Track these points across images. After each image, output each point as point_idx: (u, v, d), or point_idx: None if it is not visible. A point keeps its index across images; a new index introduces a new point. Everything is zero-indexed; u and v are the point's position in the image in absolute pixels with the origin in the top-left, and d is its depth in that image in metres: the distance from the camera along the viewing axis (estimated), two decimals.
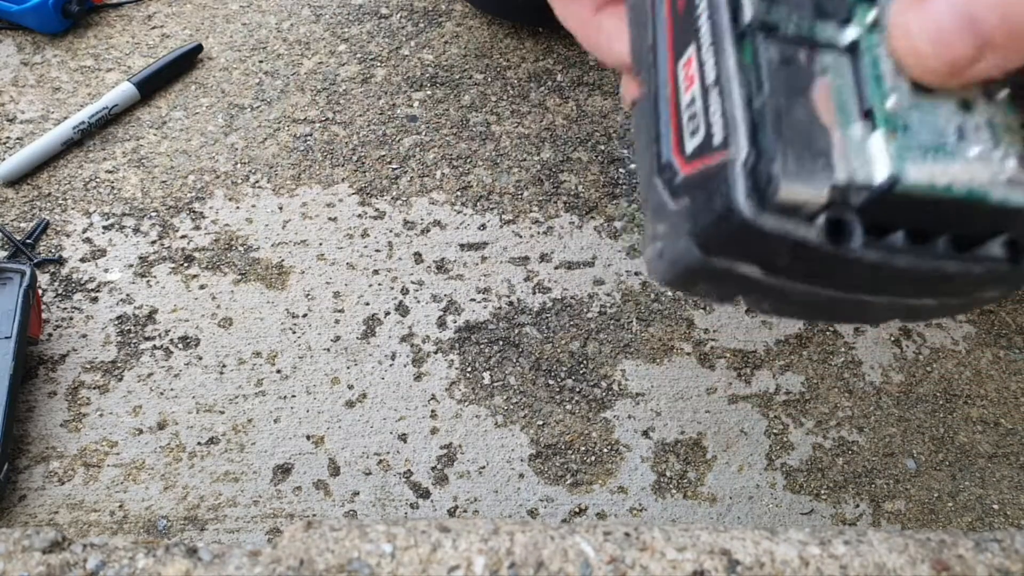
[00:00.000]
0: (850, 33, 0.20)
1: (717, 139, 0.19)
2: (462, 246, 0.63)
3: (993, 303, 0.21)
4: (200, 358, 0.58)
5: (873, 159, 0.18)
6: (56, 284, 0.60)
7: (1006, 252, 0.20)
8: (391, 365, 0.58)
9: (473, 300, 0.61)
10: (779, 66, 0.19)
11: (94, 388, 0.56)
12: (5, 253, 0.61)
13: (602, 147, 0.69)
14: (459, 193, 0.66)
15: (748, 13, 0.20)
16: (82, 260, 0.61)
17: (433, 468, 0.55)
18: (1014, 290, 0.22)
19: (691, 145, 0.20)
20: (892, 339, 0.61)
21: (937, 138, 0.19)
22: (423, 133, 0.69)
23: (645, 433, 0.56)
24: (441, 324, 0.60)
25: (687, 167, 0.20)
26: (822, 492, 0.55)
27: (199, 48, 0.72)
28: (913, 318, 0.22)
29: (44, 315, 0.58)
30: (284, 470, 0.54)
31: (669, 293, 0.62)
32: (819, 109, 0.19)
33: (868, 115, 0.19)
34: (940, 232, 0.19)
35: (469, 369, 0.58)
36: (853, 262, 0.19)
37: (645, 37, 0.22)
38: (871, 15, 0.20)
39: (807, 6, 0.20)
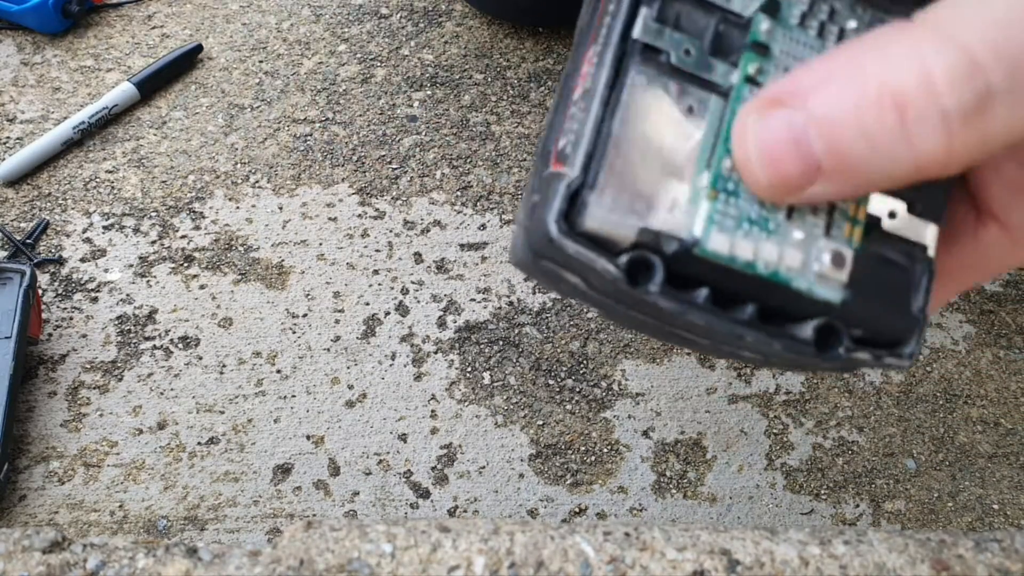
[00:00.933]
0: (731, 77, 0.19)
1: (568, 152, 0.19)
2: (462, 246, 0.63)
3: (829, 373, 0.21)
4: (200, 358, 0.58)
5: (691, 214, 0.19)
6: (56, 284, 0.60)
7: (814, 336, 0.20)
8: (391, 365, 0.58)
9: (473, 300, 0.61)
10: (643, 94, 0.19)
11: (94, 388, 0.56)
12: (5, 253, 0.61)
13: None
14: (459, 193, 0.66)
15: (636, 30, 0.19)
16: (82, 260, 0.61)
17: (433, 468, 0.55)
18: (847, 371, 0.22)
19: (560, 144, 0.20)
20: None
21: (763, 212, 0.19)
22: (423, 133, 0.69)
23: (645, 433, 0.56)
24: (441, 324, 0.60)
25: (554, 164, 0.20)
26: (822, 492, 0.55)
27: (199, 48, 0.72)
28: (747, 363, 0.22)
29: (44, 315, 0.58)
30: (284, 470, 0.54)
31: None
32: (667, 149, 0.19)
33: (710, 165, 0.19)
34: (750, 301, 0.19)
35: (469, 369, 0.58)
36: (651, 305, 0.19)
37: (586, 15, 0.21)
38: (753, 67, 0.19)
39: (704, 38, 0.19)
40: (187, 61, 0.71)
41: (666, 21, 0.19)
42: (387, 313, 0.60)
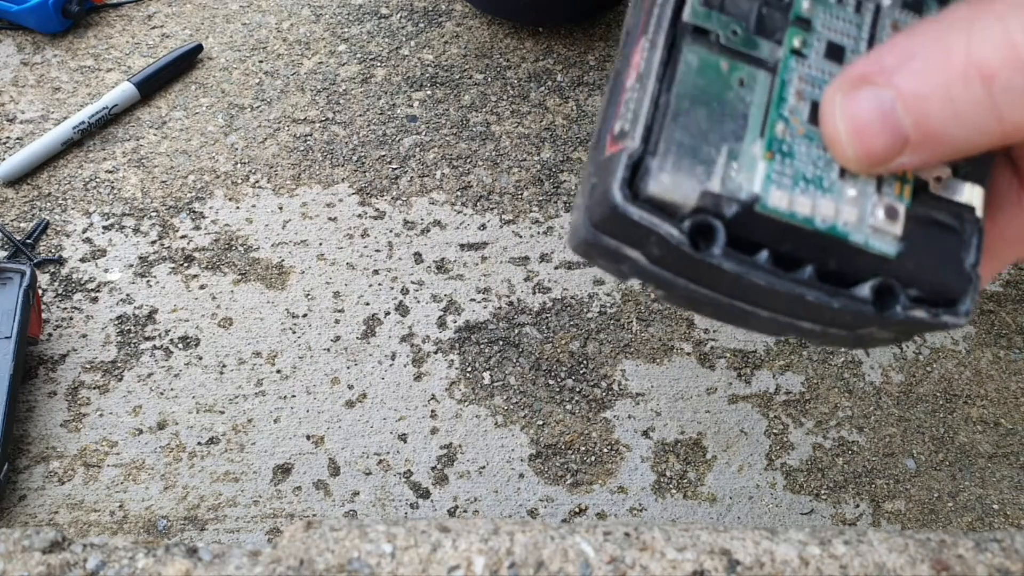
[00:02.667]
0: (777, 53, 0.21)
1: (627, 128, 0.20)
2: (462, 246, 0.63)
3: (884, 345, 0.22)
4: (200, 358, 0.58)
5: (750, 175, 0.20)
6: (56, 284, 0.60)
7: (872, 296, 0.20)
8: (391, 365, 0.58)
9: (473, 300, 0.61)
10: (697, 71, 0.20)
11: (94, 388, 0.56)
12: (5, 253, 0.61)
13: None
14: (459, 193, 0.66)
15: (686, 14, 0.20)
16: (82, 260, 0.61)
17: (433, 468, 0.55)
18: (902, 338, 0.22)
19: (617, 128, 0.21)
20: None
21: (817, 171, 0.20)
22: (423, 133, 0.69)
23: (645, 433, 0.56)
24: (441, 324, 0.60)
25: (610, 147, 0.21)
26: (822, 492, 0.55)
27: (199, 48, 0.72)
28: (804, 337, 0.23)
29: (44, 315, 0.58)
30: (284, 470, 0.54)
31: None
32: (722, 119, 0.20)
33: (764, 132, 0.20)
34: (809, 261, 0.20)
35: (469, 369, 0.58)
36: (714, 268, 0.20)
37: (631, 18, 0.23)
38: (797, 40, 0.21)
39: (749, 19, 0.21)
40: (187, 61, 0.71)
41: (712, 5, 0.21)
42: (387, 313, 0.60)
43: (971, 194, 0.21)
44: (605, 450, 0.56)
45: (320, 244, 0.63)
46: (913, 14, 0.21)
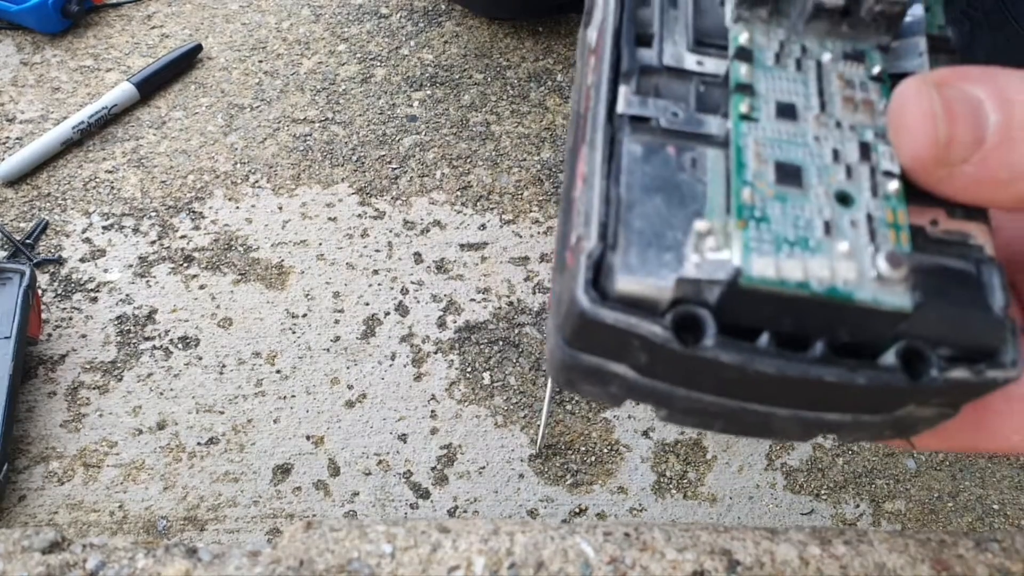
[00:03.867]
0: (725, 125, 0.20)
1: (582, 233, 0.19)
2: (462, 246, 0.63)
3: (930, 427, 0.20)
4: (200, 358, 0.58)
5: (725, 251, 0.18)
6: (56, 284, 0.60)
7: (900, 363, 0.18)
8: (391, 365, 0.58)
9: (473, 300, 0.61)
10: (643, 159, 0.19)
11: (94, 388, 0.56)
12: (5, 253, 0.61)
13: None
14: (459, 193, 0.66)
15: (620, 106, 0.19)
16: (82, 260, 0.61)
17: (433, 468, 0.55)
18: (950, 412, 0.20)
19: (573, 239, 0.19)
20: None
21: (799, 231, 0.18)
22: (423, 133, 0.69)
23: (645, 433, 0.56)
24: (441, 324, 0.60)
25: (570, 261, 0.19)
26: (822, 492, 0.55)
27: (199, 48, 0.72)
28: (837, 434, 0.21)
29: (44, 315, 0.58)
30: (284, 470, 0.54)
31: None
32: (680, 202, 0.19)
33: (730, 208, 0.19)
34: (818, 336, 0.18)
35: (469, 369, 0.58)
36: (711, 364, 0.18)
37: (570, 137, 0.22)
38: (744, 105, 0.20)
39: (688, 99, 0.20)
40: (187, 61, 0.71)
41: (646, 92, 0.20)
42: (387, 313, 0.60)
43: (977, 233, 0.20)
44: (605, 450, 0.56)
45: (320, 244, 0.63)
46: (857, 64, 0.21)
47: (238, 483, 0.54)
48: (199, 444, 0.55)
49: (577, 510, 0.54)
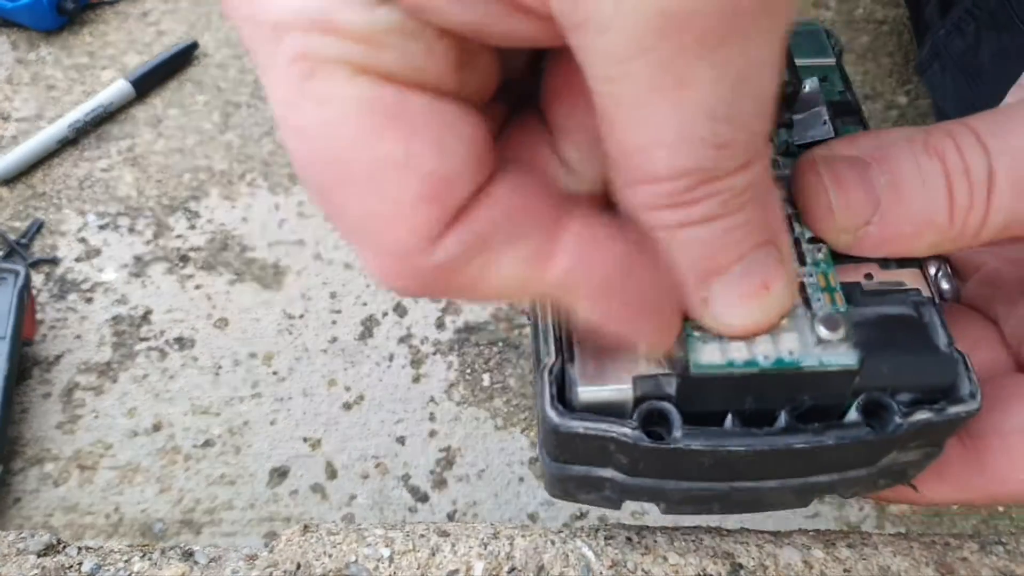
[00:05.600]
0: None
1: (543, 356, 0.20)
2: None
3: (922, 470, 0.22)
4: (196, 359, 0.58)
5: (674, 346, 0.19)
6: (50, 284, 0.60)
7: (862, 417, 0.19)
8: (389, 367, 0.58)
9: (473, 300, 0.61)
10: None
11: (89, 390, 0.56)
12: (0, 253, 0.61)
13: None
14: None
15: None
16: (77, 260, 0.61)
17: (432, 471, 0.54)
18: (935, 452, 0.21)
19: (540, 366, 0.20)
20: None
21: None
22: None
23: None
24: (440, 325, 0.60)
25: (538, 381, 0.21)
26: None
27: (195, 45, 0.72)
28: (833, 493, 0.22)
29: (38, 316, 0.58)
30: (280, 473, 0.54)
31: None
32: None
33: None
34: (782, 407, 0.19)
35: (468, 371, 0.58)
36: (687, 453, 0.19)
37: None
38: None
39: None
40: (183, 58, 0.71)
41: None
42: (385, 314, 0.60)
43: (911, 278, 0.21)
44: None
45: (317, 244, 0.62)
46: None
47: (234, 486, 0.53)
48: (195, 446, 0.55)
49: (578, 514, 0.53)
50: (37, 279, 0.60)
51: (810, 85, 0.24)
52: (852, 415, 0.19)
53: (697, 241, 0.17)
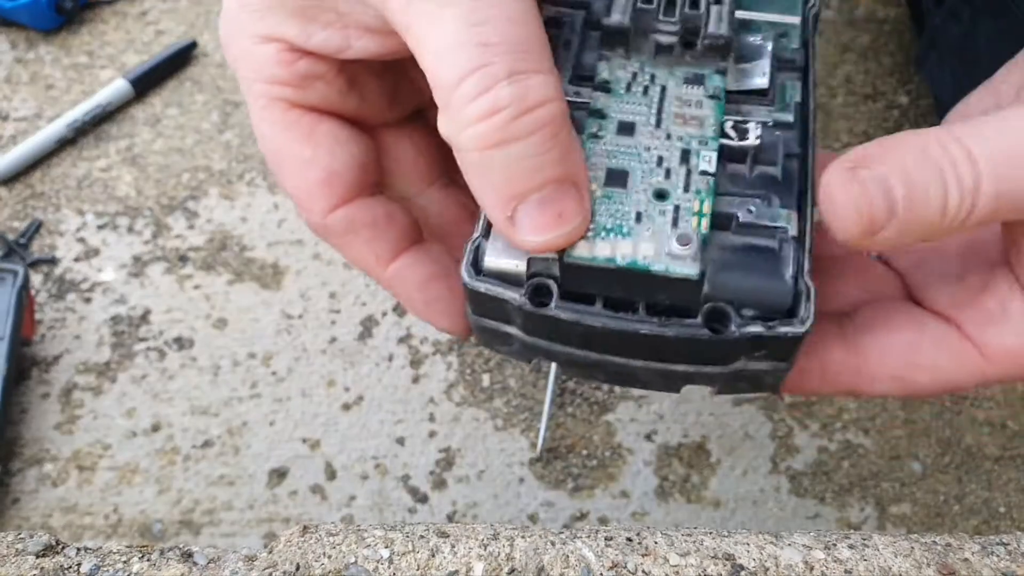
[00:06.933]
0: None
1: (475, 233, 0.25)
2: None
3: (776, 381, 0.26)
4: (194, 359, 0.57)
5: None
6: (49, 284, 0.60)
7: (703, 320, 0.23)
8: (388, 367, 0.58)
9: None
10: None
11: (88, 390, 0.56)
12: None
13: None
14: None
15: None
16: (75, 260, 0.61)
17: (431, 472, 0.54)
18: (784, 368, 0.25)
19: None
20: None
21: (616, 221, 0.24)
22: None
23: (648, 436, 0.56)
24: None
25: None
26: (827, 496, 0.54)
27: (194, 45, 0.72)
28: (695, 384, 0.25)
29: (37, 316, 0.58)
30: (280, 474, 0.54)
31: None
32: None
33: None
34: (639, 300, 0.24)
35: (468, 371, 0.58)
36: (557, 320, 0.23)
37: None
38: (594, 127, 0.26)
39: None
40: (182, 58, 0.71)
41: None
42: (384, 314, 0.60)
43: (786, 218, 0.24)
44: (607, 454, 0.55)
45: (316, 243, 0.62)
46: (696, 86, 0.26)
47: (233, 486, 0.53)
48: (194, 447, 0.54)
49: (578, 515, 0.53)
50: (36, 279, 0.60)
51: (762, 39, 0.27)
52: (697, 318, 0.23)
53: (499, 166, 0.22)
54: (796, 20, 0.28)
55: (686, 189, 0.24)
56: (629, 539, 0.30)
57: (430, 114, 0.31)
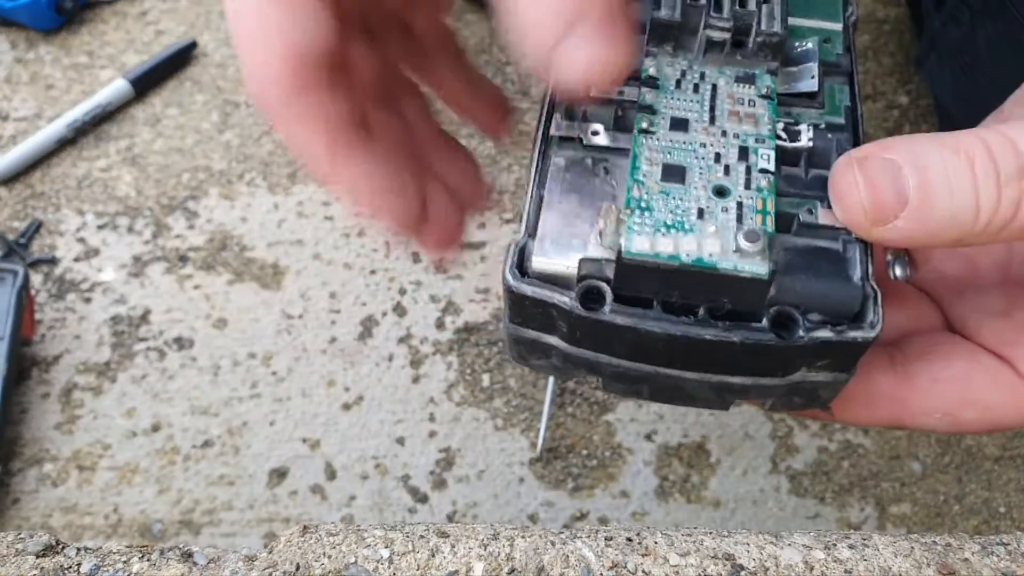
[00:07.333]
0: (628, 139, 0.24)
1: (519, 230, 0.24)
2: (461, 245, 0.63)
3: (832, 393, 0.25)
4: (194, 359, 0.57)
5: (617, 235, 0.22)
6: (49, 284, 0.60)
7: (770, 324, 0.22)
8: (388, 367, 0.58)
9: (472, 301, 0.60)
10: (565, 169, 0.24)
11: (88, 390, 0.56)
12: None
13: None
14: None
15: (552, 129, 0.25)
16: (75, 260, 0.61)
17: (431, 472, 0.54)
18: (842, 378, 0.23)
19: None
20: None
21: (677, 217, 0.22)
22: None
23: (648, 436, 0.56)
24: (440, 325, 0.59)
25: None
26: (827, 496, 0.54)
27: (194, 45, 0.72)
28: (748, 399, 0.24)
29: (37, 315, 0.58)
30: (280, 474, 0.54)
31: None
32: (590, 201, 0.24)
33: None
34: (700, 303, 0.22)
35: (468, 371, 0.58)
36: (611, 327, 0.22)
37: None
38: (645, 122, 0.24)
39: (608, 120, 0.25)
40: (181, 58, 0.71)
41: (574, 117, 0.25)
42: (384, 314, 0.60)
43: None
44: (607, 454, 0.55)
45: (316, 243, 0.62)
46: (748, 85, 0.25)
47: (233, 486, 0.53)
48: (194, 447, 0.54)
49: (578, 515, 0.53)
50: (36, 279, 0.60)
51: (810, 44, 0.27)
52: (763, 321, 0.22)
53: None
54: (838, 27, 0.28)
55: (747, 186, 0.23)
56: (629, 539, 0.30)
57: (384, 35, 0.30)
